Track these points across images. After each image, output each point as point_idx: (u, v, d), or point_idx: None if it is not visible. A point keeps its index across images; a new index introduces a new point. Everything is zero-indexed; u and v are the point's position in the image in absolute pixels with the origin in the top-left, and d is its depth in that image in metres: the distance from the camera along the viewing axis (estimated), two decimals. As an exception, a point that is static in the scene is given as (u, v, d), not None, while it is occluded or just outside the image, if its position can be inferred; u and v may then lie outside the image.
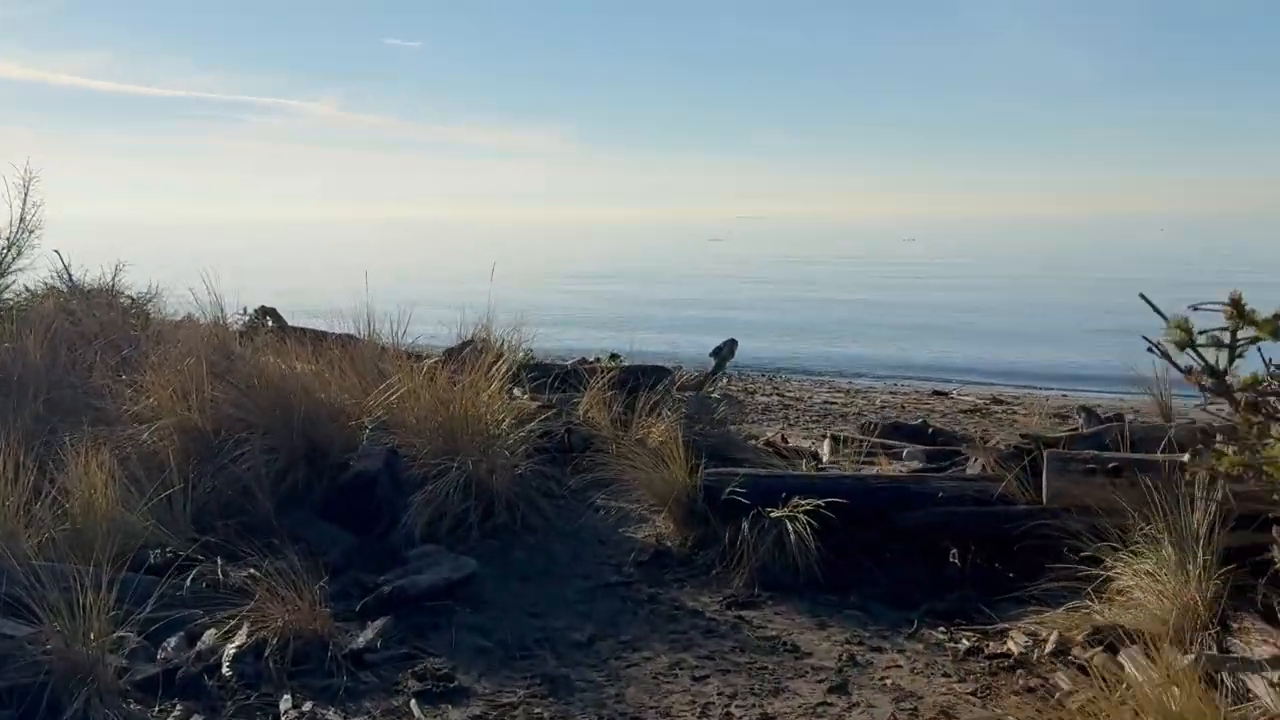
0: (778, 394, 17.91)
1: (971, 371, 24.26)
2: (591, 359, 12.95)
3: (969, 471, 6.58)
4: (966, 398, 18.15)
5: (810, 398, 17.59)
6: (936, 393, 18.93)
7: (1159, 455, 5.52)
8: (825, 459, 10.32)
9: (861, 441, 10.77)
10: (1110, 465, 5.41)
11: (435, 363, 10.37)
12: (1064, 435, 6.43)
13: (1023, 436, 6.53)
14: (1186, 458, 5.35)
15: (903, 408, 16.52)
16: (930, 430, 10.85)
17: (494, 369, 7.82)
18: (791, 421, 14.47)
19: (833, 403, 16.91)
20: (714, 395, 9.96)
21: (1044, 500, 5.63)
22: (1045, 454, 5.62)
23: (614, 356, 12.41)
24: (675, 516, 6.58)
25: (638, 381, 9.46)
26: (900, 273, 63.34)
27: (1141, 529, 5.46)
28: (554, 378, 9.60)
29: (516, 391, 9.38)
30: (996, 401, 17.68)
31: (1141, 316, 4.76)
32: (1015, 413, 16.28)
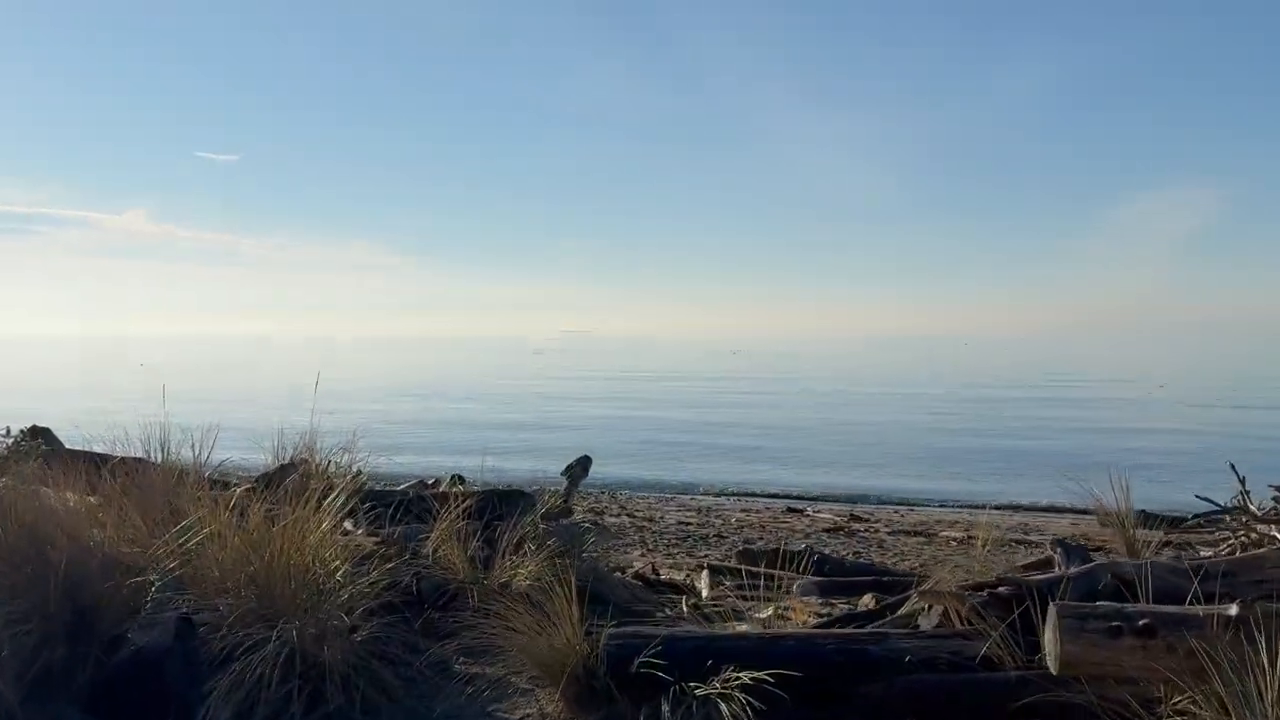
0: (627, 514, 16.54)
1: (808, 486, 23.74)
2: (431, 481, 11.31)
3: (924, 624, 5.35)
4: (823, 515, 17.22)
5: (662, 517, 16.29)
6: (791, 510, 17.97)
7: (1198, 608, 4.40)
8: (705, 594, 9.01)
9: (743, 572, 9.53)
10: (1141, 623, 4.24)
11: (248, 491, 8.57)
12: (1045, 578, 5.28)
13: (1000, 579, 5.34)
14: (1235, 610, 4.23)
15: (762, 527, 15.42)
16: (817, 556, 9.67)
17: (324, 500, 6.20)
18: (650, 546, 13.10)
19: (687, 523, 15.66)
20: (584, 524, 8.50)
21: (1053, 668, 4.41)
22: (1054, 607, 4.42)
23: (458, 479, 10.82)
24: (568, 695, 5.06)
25: (496, 509, 7.94)
26: (727, 388, 63.42)
27: (1175, 703, 4.31)
28: (395, 507, 7.96)
29: (350, 525, 7.69)
30: (855, 519, 16.82)
31: (953, 437, 3.64)
32: (878, 530, 15.41)
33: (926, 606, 5.38)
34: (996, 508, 20.42)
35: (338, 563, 5.70)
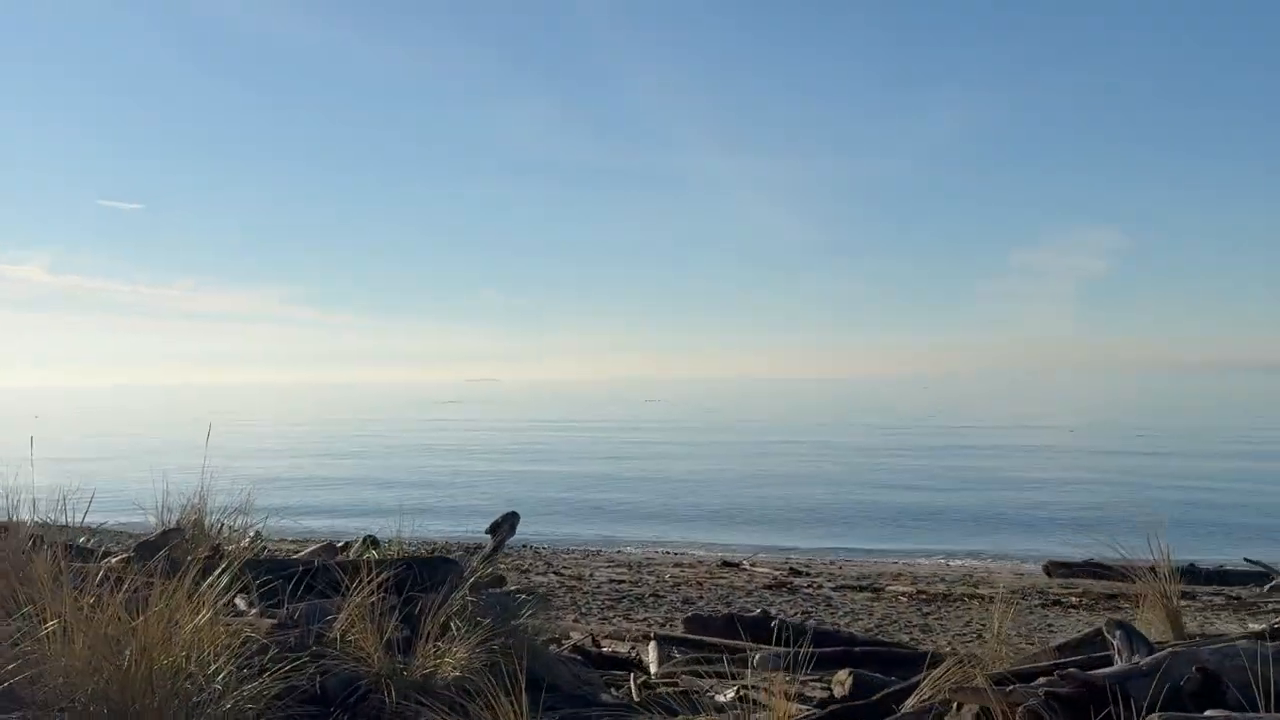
0: (554, 572, 15.37)
1: (734, 540, 22.86)
2: (340, 544, 10.07)
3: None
4: (761, 570, 16.26)
5: (592, 575, 15.15)
6: (726, 564, 16.95)
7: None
8: (654, 670, 7.92)
9: (695, 644, 8.49)
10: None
11: (122, 563, 7.30)
12: (1115, 672, 4.32)
13: (1058, 670, 4.38)
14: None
15: (699, 584, 14.38)
16: (774, 621, 8.66)
17: (208, 575, 5.02)
18: (583, 609, 11.96)
19: (619, 581, 14.54)
20: (519, 593, 7.38)
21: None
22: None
23: (371, 542, 9.59)
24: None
25: (417, 580, 6.79)
26: (641, 438, 62.48)
27: None
28: (295, 579, 6.75)
29: (241, 602, 6.50)
30: (795, 573, 15.88)
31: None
32: (821, 586, 14.47)
33: (956, 706, 4.39)
34: (930, 558, 19.80)
35: (220, 661, 4.51)
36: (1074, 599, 13.10)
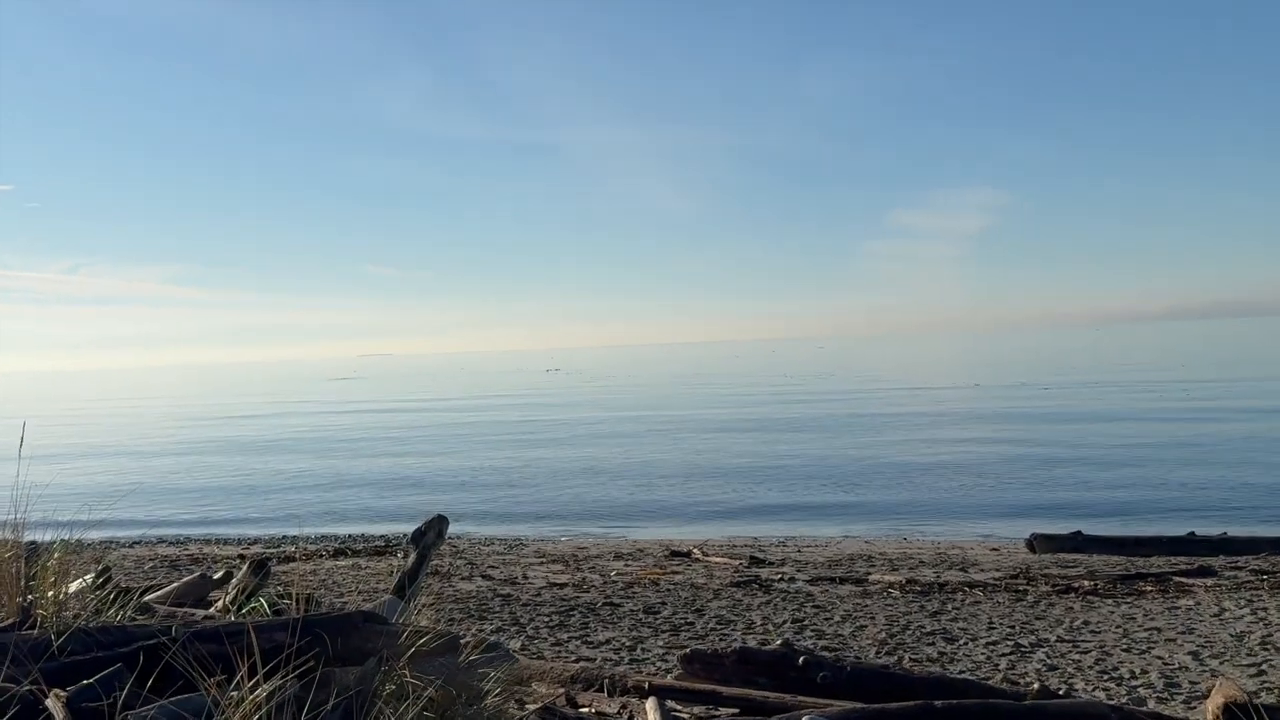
0: (481, 575, 13.11)
1: (652, 516, 20.93)
2: (217, 574, 7.68)
3: None
4: (717, 560, 14.25)
5: (526, 577, 12.94)
6: (674, 553, 14.92)
7: None
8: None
9: (704, 696, 6.47)
10: None
11: None
12: None
13: None
14: None
15: (654, 583, 12.28)
16: (801, 659, 6.61)
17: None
18: (528, 628, 9.77)
19: (560, 584, 12.36)
20: (478, 664, 5.15)
21: None
22: None
23: (256, 571, 7.21)
24: None
25: (328, 650, 4.54)
26: (541, 414, 60.54)
27: None
28: (139, 658, 4.43)
29: (54, 705, 4.23)
30: (757, 562, 13.90)
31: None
32: (795, 578, 12.49)
33: None
34: (886, 535, 18.12)
35: None
36: (1085, 583, 11.39)
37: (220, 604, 7.56)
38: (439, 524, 8.78)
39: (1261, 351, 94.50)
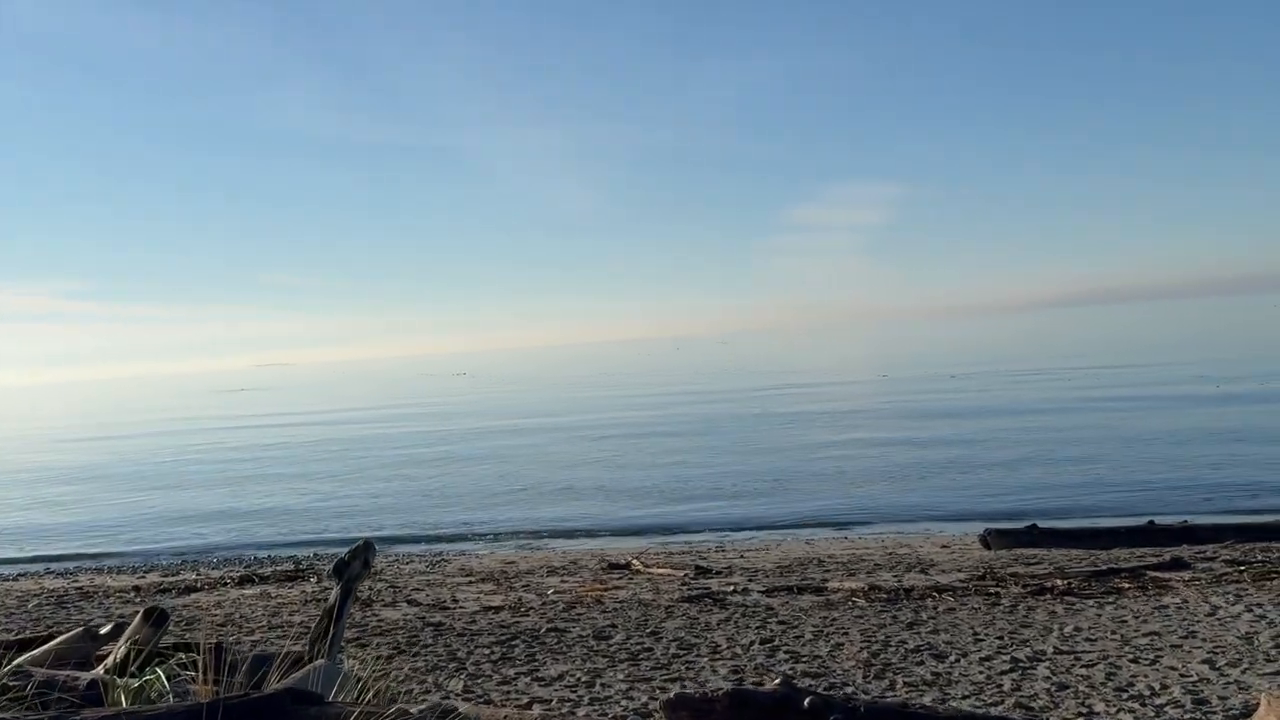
0: (407, 600, 11.93)
1: (572, 525, 19.93)
2: (104, 629, 6.46)
3: None
4: (660, 571, 13.30)
5: (455, 599, 11.83)
6: (613, 566, 13.94)
7: None
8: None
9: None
10: None
11: None
12: None
13: None
14: None
15: (599, 601, 11.29)
16: (807, 701, 5.69)
17: None
18: (469, 665, 8.69)
19: (495, 607, 11.29)
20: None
21: None
22: None
23: (156, 618, 6.03)
24: None
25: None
26: (455, 418, 59.33)
27: None
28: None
29: None
30: (704, 572, 13.00)
31: None
32: (749, 589, 11.61)
33: None
34: (826, 535, 17.43)
35: None
36: (1058, 582, 10.74)
37: (110, 660, 6.37)
38: (364, 552, 7.66)
39: (1150, 336, 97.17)
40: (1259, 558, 11.45)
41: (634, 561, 14.03)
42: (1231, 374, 41.80)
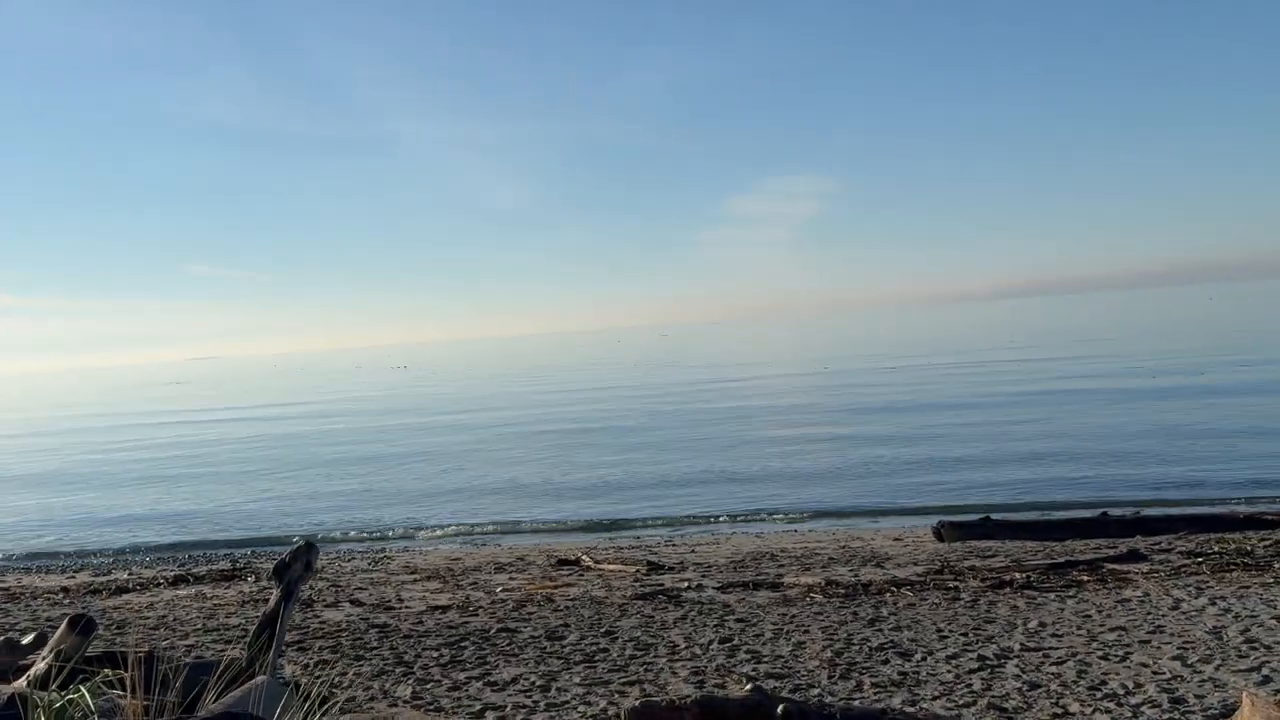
0: (350, 600, 11.49)
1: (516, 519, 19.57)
2: (26, 639, 5.98)
3: None
4: (611, 567, 13.00)
5: (400, 598, 11.42)
6: (563, 562, 13.60)
7: None
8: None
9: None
10: None
11: None
12: None
13: None
14: None
15: (549, 600, 10.95)
16: (780, 709, 5.40)
17: None
18: (417, 670, 8.30)
19: (442, 605, 10.91)
20: None
21: None
22: None
23: (79, 625, 5.58)
24: None
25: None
26: (395, 414, 58.49)
27: None
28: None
29: None
30: (656, 567, 12.71)
31: None
32: (703, 587, 11.36)
33: None
34: (776, 528, 17.25)
35: None
36: (1016, 575, 10.60)
37: (33, 672, 5.92)
38: (306, 553, 7.26)
39: (1082, 327, 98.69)
40: (1215, 549, 11.43)
41: (584, 557, 13.71)
42: (1166, 365, 42.45)
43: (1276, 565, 10.34)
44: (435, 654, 8.75)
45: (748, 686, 5.76)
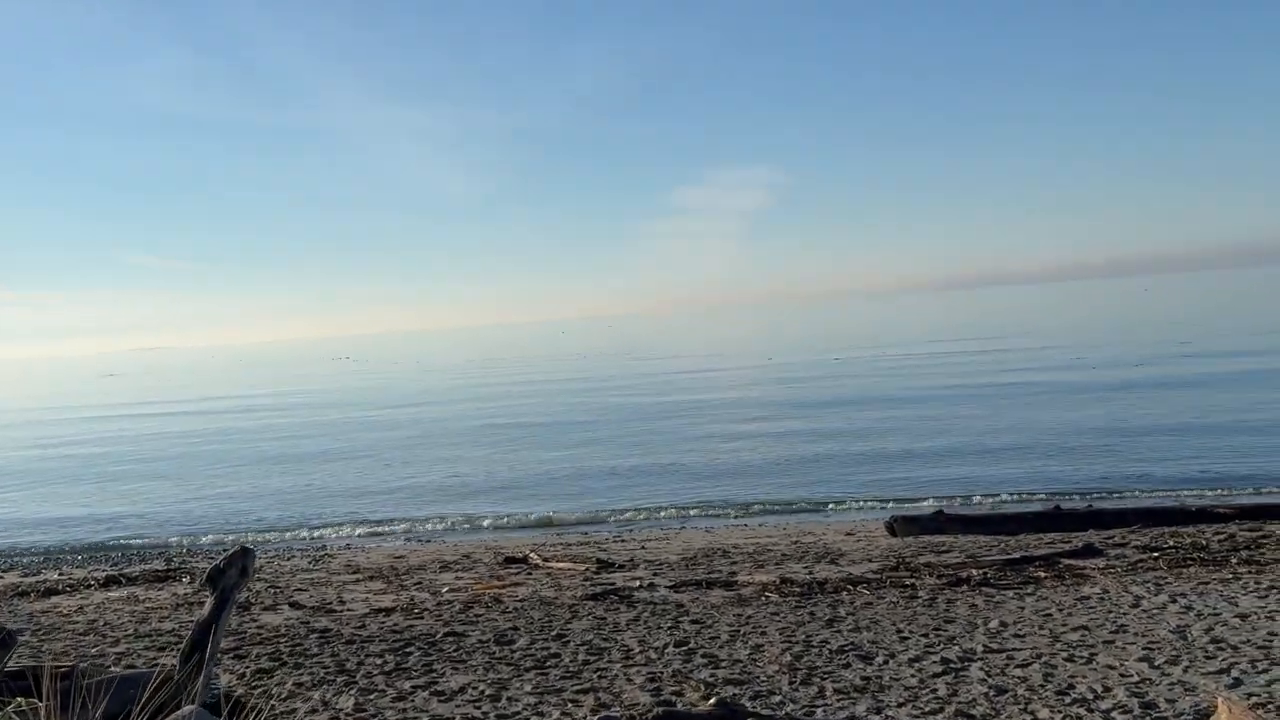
0: (290, 602, 11.06)
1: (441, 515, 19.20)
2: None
3: None
4: (560, 565, 12.68)
5: (342, 600, 11.02)
6: (510, 560, 13.26)
7: None
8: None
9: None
10: None
11: None
12: None
13: None
14: None
15: (498, 600, 10.61)
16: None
17: None
18: (359, 679, 7.93)
19: (386, 608, 10.52)
20: None
21: None
22: None
23: (3, 639, 5.18)
24: None
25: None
26: (337, 405, 57.69)
27: None
28: None
29: None
30: (606, 565, 12.40)
31: None
32: (655, 586, 11.08)
33: None
34: (725, 522, 17.04)
35: None
36: (973, 572, 10.46)
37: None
38: (242, 558, 6.88)
39: (1024, 320, 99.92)
40: (1170, 543, 11.39)
41: (532, 555, 13.38)
42: (1106, 358, 42.97)
43: (1233, 560, 10.31)
44: (379, 661, 8.38)
45: (711, 701, 5.50)
